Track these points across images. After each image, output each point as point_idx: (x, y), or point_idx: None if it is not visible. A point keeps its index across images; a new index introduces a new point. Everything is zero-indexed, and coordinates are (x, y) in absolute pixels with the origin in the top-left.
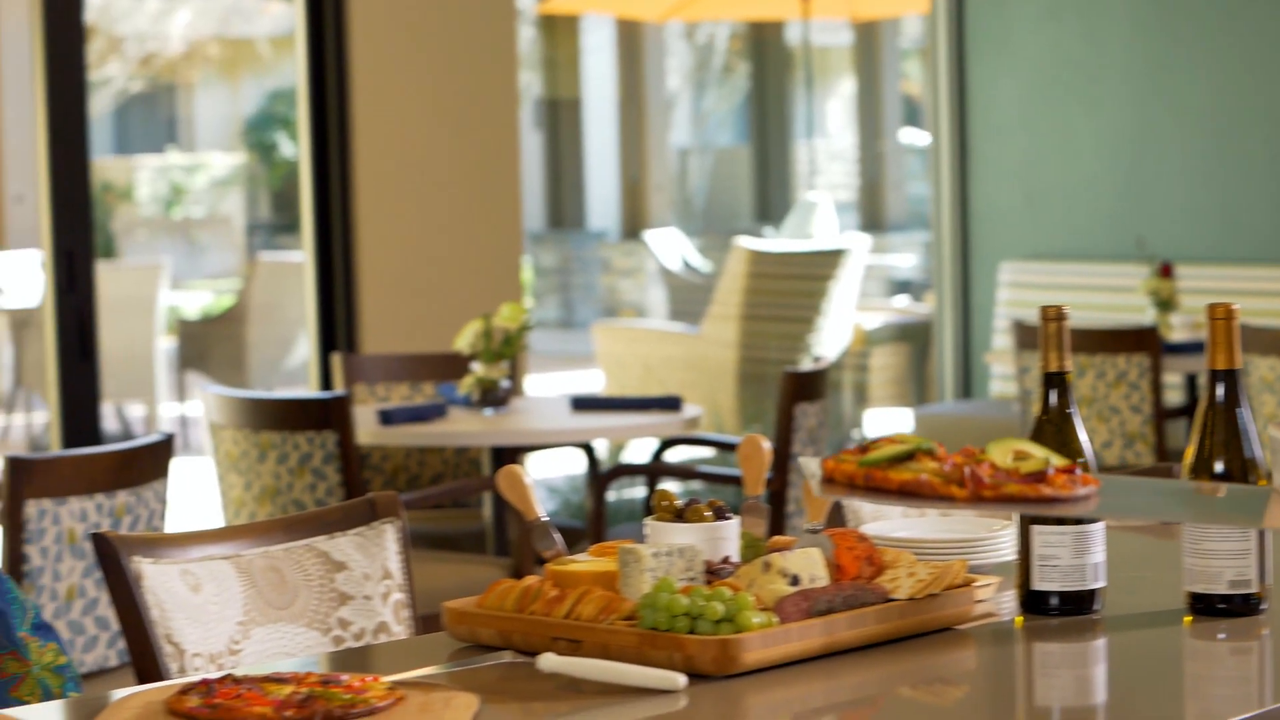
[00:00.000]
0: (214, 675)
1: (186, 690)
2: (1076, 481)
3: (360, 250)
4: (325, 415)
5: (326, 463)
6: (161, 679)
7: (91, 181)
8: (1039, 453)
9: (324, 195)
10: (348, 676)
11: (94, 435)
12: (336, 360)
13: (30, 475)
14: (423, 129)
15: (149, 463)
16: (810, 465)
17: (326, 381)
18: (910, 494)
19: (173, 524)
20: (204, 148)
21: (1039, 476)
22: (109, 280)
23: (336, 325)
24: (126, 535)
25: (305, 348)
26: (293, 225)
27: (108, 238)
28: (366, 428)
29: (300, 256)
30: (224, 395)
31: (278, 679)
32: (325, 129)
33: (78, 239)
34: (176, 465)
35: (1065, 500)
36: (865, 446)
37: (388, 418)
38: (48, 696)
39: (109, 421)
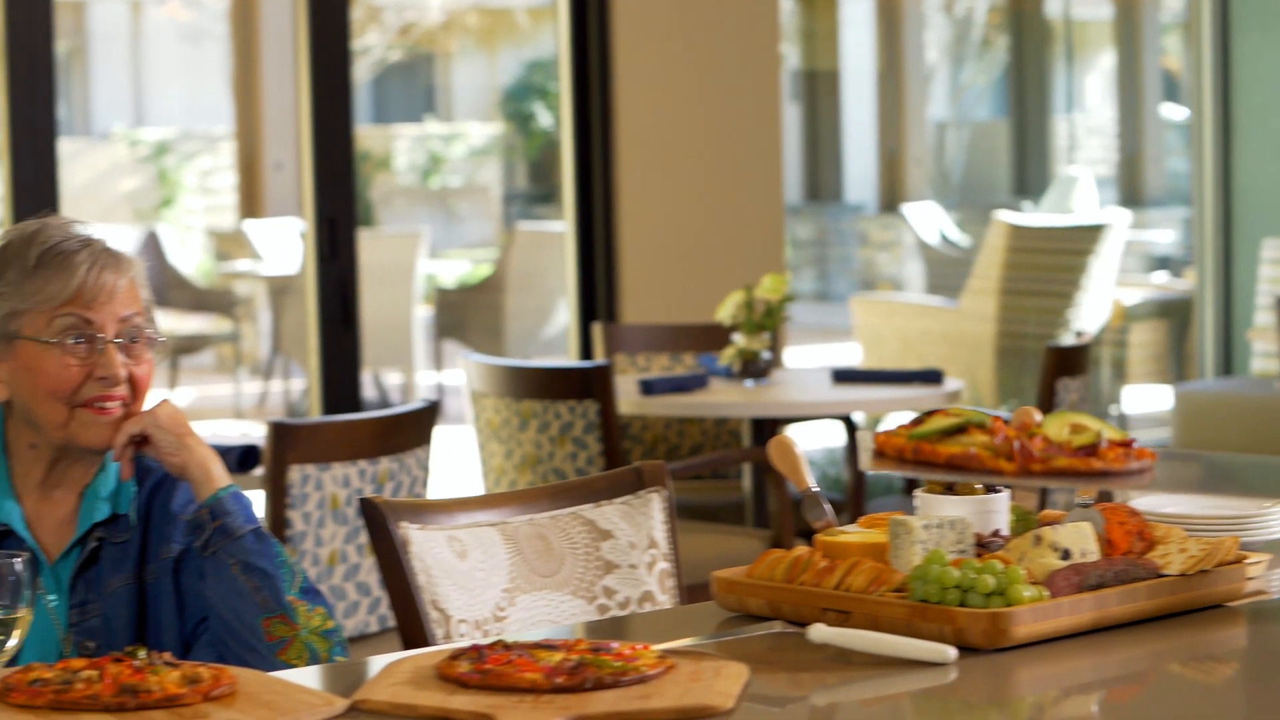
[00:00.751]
0: (484, 641)
1: (457, 656)
2: (1130, 456)
3: (621, 220)
4: (587, 384)
5: (587, 432)
6: (427, 645)
7: (354, 150)
8: (1095, 426)
9: (585, 165)
10: (618, 644)
11: (354, 402)
12: (597, 330)
13: (294, 441)
14: (684, 99)
15: (412, 429)
16: (866, 438)
17: (586, 351)
18: (958, 467)
19: (433, 491)
20: (461, 117)
21: (1091, 450)
22: (368, 248)
23: (596, 295)
24: (394, 501)
25: (562, 317)
26: (549, 195)
27: (366, 206)
28: (628, 397)
29: (558, 226)
30: (486, 364)
31: (548, 646)
32: (587, 99)
33: (340, 207)
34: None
35: (1116, 474)
36: (920, 420)
37: (649, 388)
38: (315, 660)
39: (366, 389)
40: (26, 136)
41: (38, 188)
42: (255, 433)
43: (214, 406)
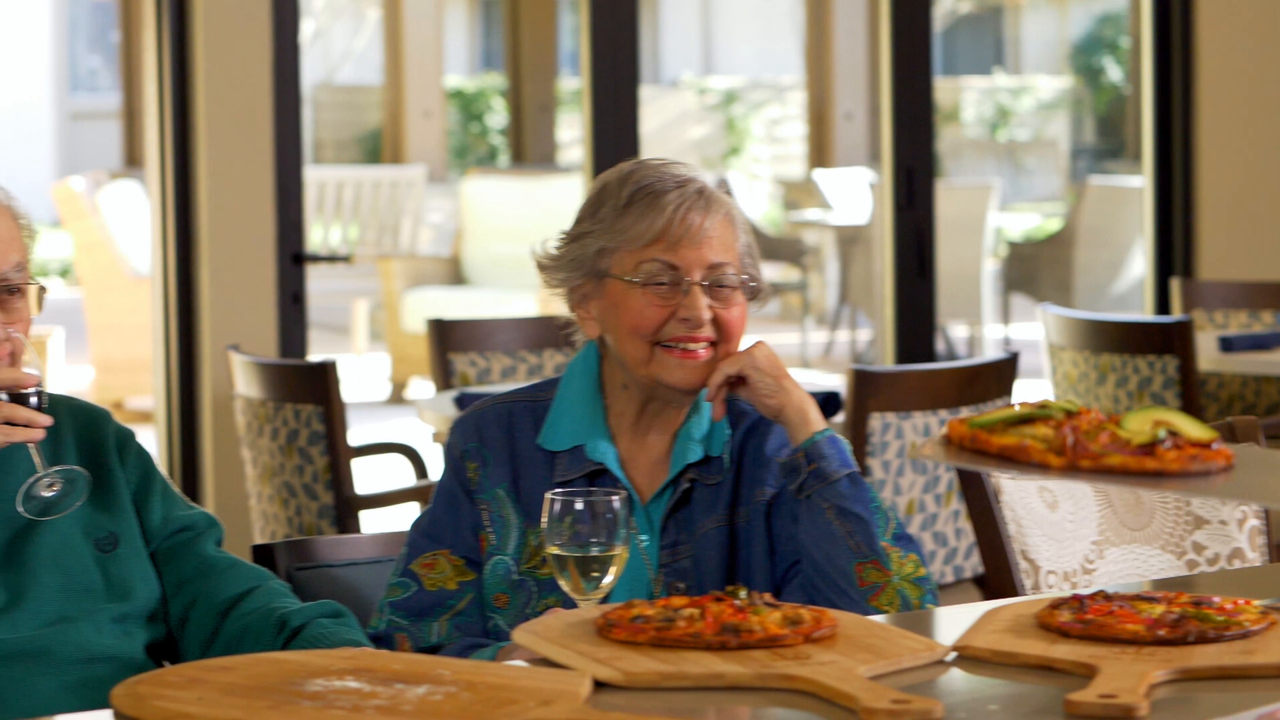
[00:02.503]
0: (1085, 591)
1: (1057, 605)
2: (1198, 458)
3: (1200, 175)
4: (1168, 339)
5: (1166, 388)
6: (1015, 594)
7: (933, 99)
8: (1185, 425)
9: (1164, 119)
10: (1219, 599)
11: (928, 353)
12: (1175, 285)
13: (876, 388)
14: (1270, 51)
15: (992, 380)
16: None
17: (1162, 306)
18: (1008, 459)
19: None
20: (1030, 70)
21: (1149, 449)
22: (940, 200)
23: (1174, 250)
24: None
25: (1133, 272)
26: (1117, 150)
27: (934, 158)
28: (1206, 354)
29: (1130, 181)
30: (1065, 316)
31: (1148, 598)
32: (1168, 52)
33: (918, 156)
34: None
35: (1173, 475)
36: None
37: (1228, 344)
38: (905, 607)
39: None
40: (608, 83)
41: (618, 134)
42: (821, 383)
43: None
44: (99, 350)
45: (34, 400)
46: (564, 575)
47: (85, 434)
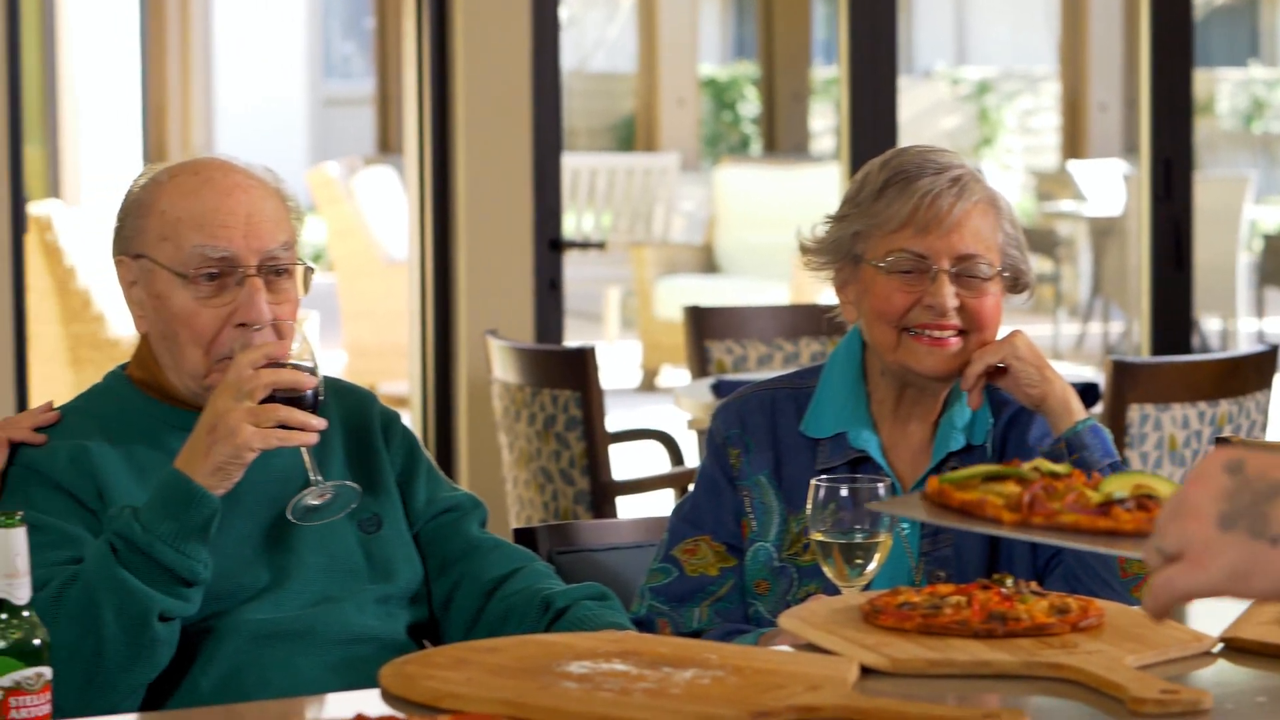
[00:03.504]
0: None
1: None
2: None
3: None
4: None
5: None
6: None
7: (1192, 90)
8: (1162, 489)
9: None
10: None
11: (1184, 346)
12: None
13: (1135, 380)
14: None
15: (1252, 373)
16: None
17: None
18: (966, 513)
19: (1272, 435)
20: None
21: (1105, 509)
22: (1196, 192)
23: None
24: (1250, 441)
25: None
26: None
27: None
28: None
29: None
30: None
31: None
32: None
33: (1177, 148)
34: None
35: (1126, 535)
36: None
37: None
38: None
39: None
40: (865, 73)
41: (875, 123)
42: (1076, 374)
43: None
44: (352, 335)
45: (309, 401)
46: (828, 562)
47: (351, 416)
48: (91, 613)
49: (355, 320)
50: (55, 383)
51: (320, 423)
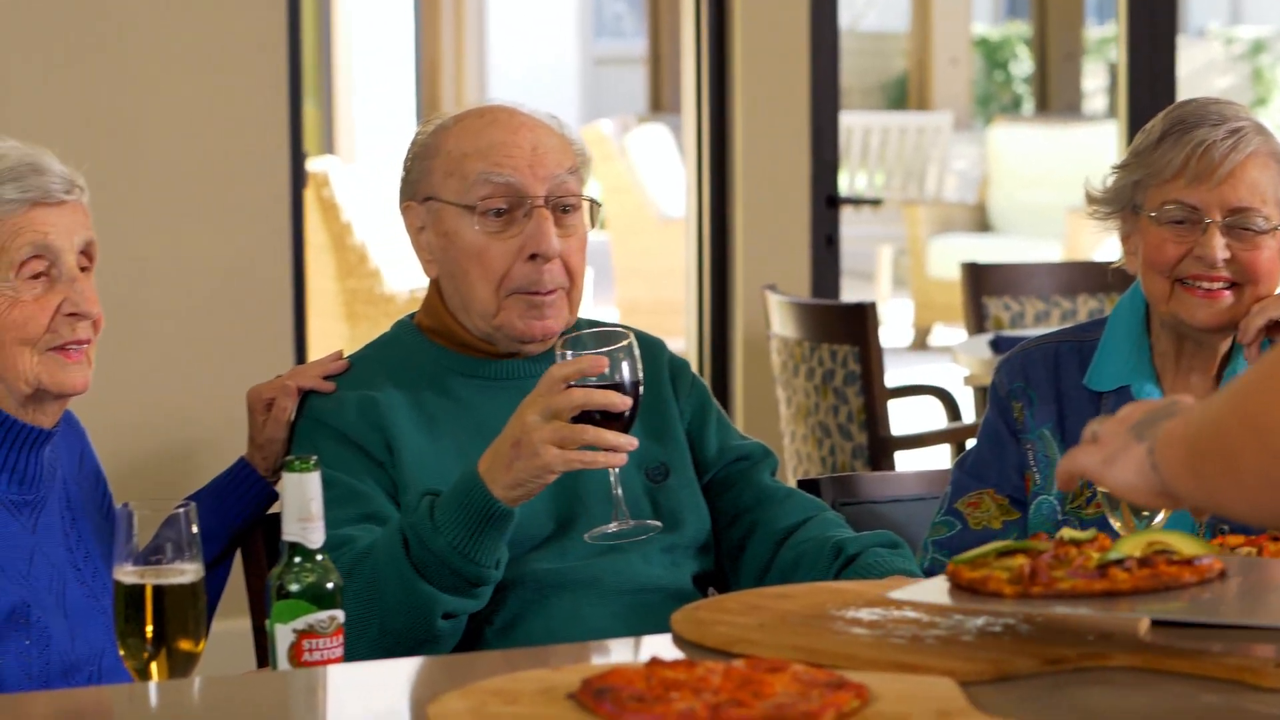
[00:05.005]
0: None
1: None
2: (1157, 576)
3: None
4: None
5: None
6: None
7: None
8: (1180, 544)
9: None
10: None
11: None
12: None
13: None
14: None
15: None
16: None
17: None
18: (972, 591)
19: None
20: None
21: (1103, 571)
22: None
23: None
24: None
25: None
26: None
27: None
28: None
29: None
30: None
31: None
32: None
33: None
34: None
35: (1125, 594)
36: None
37: None
38: None
39: None
40: (1144, 31)
41: (1153, 82)
42: None
43: None
44: (625, 292)
45: (624, 420)
46: (1115, 514)
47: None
48: (377, 599)
49: (628, 278)
50: (332, 337)
51: (630, 443)
